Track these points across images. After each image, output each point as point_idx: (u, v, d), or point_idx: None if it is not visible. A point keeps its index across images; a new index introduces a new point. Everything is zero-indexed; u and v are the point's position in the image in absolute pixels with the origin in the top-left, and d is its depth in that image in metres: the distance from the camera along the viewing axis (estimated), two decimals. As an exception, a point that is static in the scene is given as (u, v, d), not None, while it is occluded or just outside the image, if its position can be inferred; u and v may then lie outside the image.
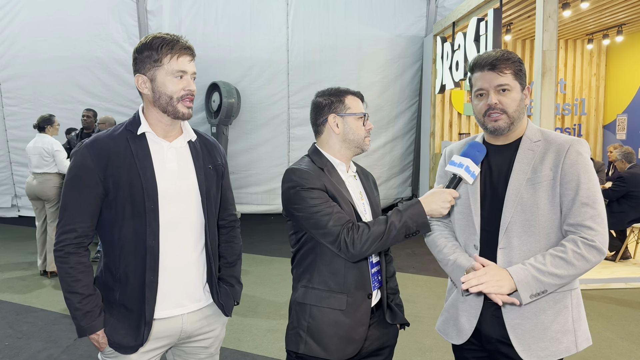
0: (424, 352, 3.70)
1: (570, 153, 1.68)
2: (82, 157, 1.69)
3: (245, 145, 8.91)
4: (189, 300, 1.82)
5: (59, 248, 1.70)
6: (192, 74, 1.74)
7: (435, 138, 8.27)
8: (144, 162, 1.71)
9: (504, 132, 1.74)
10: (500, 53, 1.73)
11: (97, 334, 1.72)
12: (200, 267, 1.84)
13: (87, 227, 1.71)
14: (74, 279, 1.69)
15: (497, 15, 5.63)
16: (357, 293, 1.80)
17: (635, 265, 5.96)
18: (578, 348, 1.73)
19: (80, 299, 1.69)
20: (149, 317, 1.72)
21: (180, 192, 1.77)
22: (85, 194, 1.69)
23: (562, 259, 1.61)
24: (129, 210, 1.69)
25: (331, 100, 1.87)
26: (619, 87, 9.06)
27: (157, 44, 1.68)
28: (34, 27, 8.24)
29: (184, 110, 1.73)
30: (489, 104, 1.71)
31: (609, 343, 3.87)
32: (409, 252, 6.75)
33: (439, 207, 1.68)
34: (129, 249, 1.71)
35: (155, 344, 1.79)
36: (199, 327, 1.86)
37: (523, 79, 1.75)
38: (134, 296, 1.72)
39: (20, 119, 8.43)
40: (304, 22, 8.65)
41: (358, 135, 1.87)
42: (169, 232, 1.74)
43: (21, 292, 5.12)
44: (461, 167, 1.70)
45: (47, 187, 5.50)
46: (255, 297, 4.96)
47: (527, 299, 1.60)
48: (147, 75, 1.71)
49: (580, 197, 1.65)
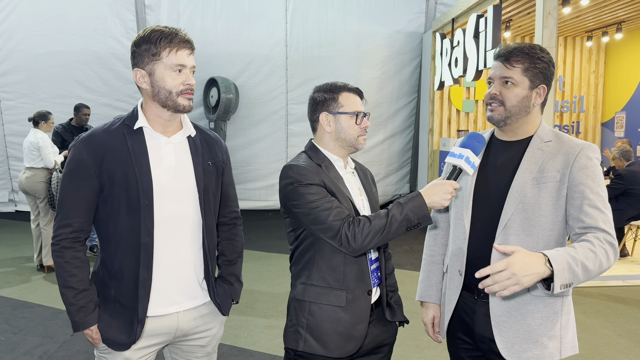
0: (421, 349, 3.70)
1: (580, 157, 1.65)
2: (79, 152, 1.68)
3: (244, 141, 8.88)
4: (184, 298, 1.80)
5: (55, 242, 1.69)
6: (192, 67, 1.72)
7: (433, 135, 8.25)
8: (140, 158, 1.69)
9: (498, 124, 1.74)
10: (521, 46, 1.69)
11: (90, 330, 1.71)
12: (197, 264, 1.82)
13: (83, 222, 1.70)
14: (69, 273, 1.68)
15: (497, 12, 5.61)
16: (357, 289, 1.78)
17: (633, 262, 5.97)
18: (562, 355, 1.71)
19: (75, 294, 1.68)
20: (141, 315, 1.70)
21: (176, 189, 1.74)
22: (82, 188, 1.67)
23: (592, 252, 1.50)
24: (124, 206, 1.67)
25: (325, 97, 1.84)
26: (618, 85, 9.05)
27: (156, 37, 1.65)
28: (31, 22, 8.20)
29: (185, 102, 1.71)
30: (490, 92, 1.73)
31: (607, 340, 3.87)
32: (407, 248, 6.75)
33: (440, 199, 1.66)
34: (124, 245, 1.69)
35: (150, 341, 1.77)
36: (195, 325, 1.84)
37: (536, 77, 1.69)
38: (128, 293, 1.71)
39: (17, 114, 8.40)
40: (303, 18, 8.62)
41: (350, 134, 1.83)
42: (165, 229, 1.72)
43: (17, 287, 5.10)
44: (461, 158, 1.68)
45: (34, 182, 5.47)
46: (253, 293, 4.95)
47: (558, 289, 1.43)
48: (146, 70, 1.68)
49: (591, 201, 1.60)
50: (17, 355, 3.60)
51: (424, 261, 2.06)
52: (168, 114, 1.73)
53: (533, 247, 1.68)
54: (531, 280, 1.39)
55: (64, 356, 3.58)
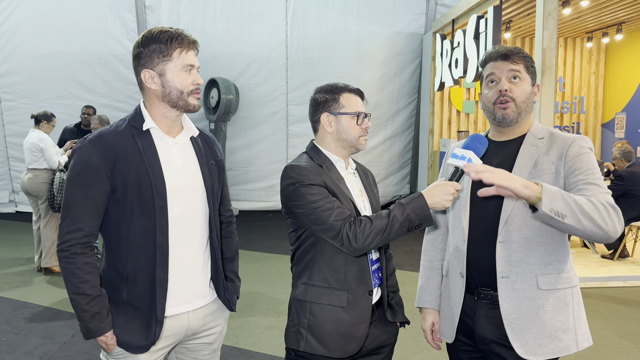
0: (422, 349, 3.70)
1: (572, 146, 1.68)
2: (88, 154, 1.64)
3: (244, 142, 8.89)
4: (195, 297, 1.80)
5: (65, 248, 1.63)
6: (198, 67, 1.75)
7: (434, 135, 8.26)
8: (152, 159, 1.68)
9: (512, 122, 1.73)
10: (513, 47, 1.76)
11: (105, 336, 1.67)
12: (206, 263, 1.83)
13: (94, 226, 1.67)
14: (81, 280, 1.63)
15: (497, 13, 5.62)
16: (358, 290, 1.79)
17: (634, 263, 5.97)
18: (579, 347, 1.70)
19: (89, 301, 1.64)
20: (160, 315, 1.69)
21: (186, 189, 1.75)
22: (91, 191, 1.64)
23: (589, 200, 1.53)
24: (137, 208, 1.66)
25: (326, 98, 1.85)
26: (618, 86, 9.06)
27: (166, 37, 1.65)
28: (32, 23, 8.21)
29: (195, 102, 1.73)
30: (500, 89, 1.71)
31: (607, 341, 3.87)
32: (407, 249, 6.75)
33: (442, 200, 1.66)
34: (138, 246, 1.68)
35: (164, 343, 1.77)
36: (204, 323, 1.85)
37: (533, 75, 1.76)
38: (143, 295, 1.69)
39: (18, 114, 8.41)
40: (303, 19, 8.63)
41: (351, 135, 1.84)
42: (177, 229, 1.72)
43: (18, 288, 5.10)
44: (463, 159, 1.68)
45: (36, 183, 5.45)
46: (253, 294, 4.95)
47: (546, 209, 1.45)
48: (156, 70, 1.68)
49: (589, 179, 1.62)
50: (17, 355, 3.61)
51: (423, 267, 2.04)
52: (175, 114, 1.74)
53: (536, 240, 1.68)
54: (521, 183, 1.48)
55: (65, 357, 3.58)
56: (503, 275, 1.70)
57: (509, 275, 1.70)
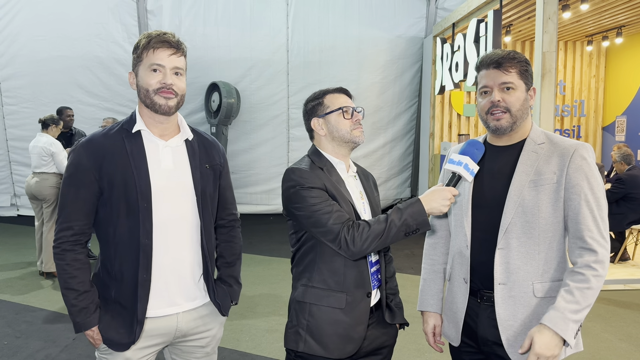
0: (422, 352, 3.71)
1: (575, 157, 1.67)
2: (78, 156, 1.72)
3: (245, 146, 8.91)
4: (184, 299, 1.82)
5: (57, 245, 1.73)
6: (173, 68, 1.72)
7: (434, 139, 8.27)
8: (139, 161, 1.72)
9: (506, 131, 1.74)
10: (506, 52, 1.73)
11: (92, 330, 1.74)
12: (196, 266, 1.84)
13: (84, 225, 1.73)
14: (70, 275, 1.71)
15: (497, 17, 5.64)
16: (357, 292, 1.80)
17: (634, 266, 5.97)
18: (566, 353, 1.71)
19: (76, 295, 1.71)
20: (140, 316, 1.73)
21: (175, 191, 1.77)
22: (82, 192, 1.71)
23: (590, 289, 1.61)
24: (123, 209, 1.70)
25: (312, 106, 1.90)
26: (619, 89, 9.07)
27: (140, 40, 1.72)
28: (34, 26, 8.25)
29: (161, 101, 1.71)
30: (492, 101, 1.71)
31: (608, 344, 3.87)
32: (408, 252, 6.76)
33: (439, 205, 1.68)
34: (124, 247, 1.72)
35: (149, 342, 1.79)
36: (195, 326, 1.86)
37: (529, 79, 1.74)
38: (128, 294, 1.73)
39: (19, 118, 8.44)
40: (304, 23, 8.66)
41: (342, 130, 1.85)
42: (163, 231, 1.75)
43: (20, 292, 5.11)
44: (460, 165, 1.70)
45: (44, 187, 5.47)
46: (254, 297, 4.96)
47: (572, 341, 1.60)
48: (134, 72, 1.75)
49: (586, 202, 1.64)
50: (19, 359, 3.62)
51: (424, 270, 2.05)
52: (161, 117, 1.76)
53: (535, 249, 1.69)
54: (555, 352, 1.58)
55: (66, 359, 3.60)
56: (500, 282, 1.71)
57: (506, 282, 1.71)
